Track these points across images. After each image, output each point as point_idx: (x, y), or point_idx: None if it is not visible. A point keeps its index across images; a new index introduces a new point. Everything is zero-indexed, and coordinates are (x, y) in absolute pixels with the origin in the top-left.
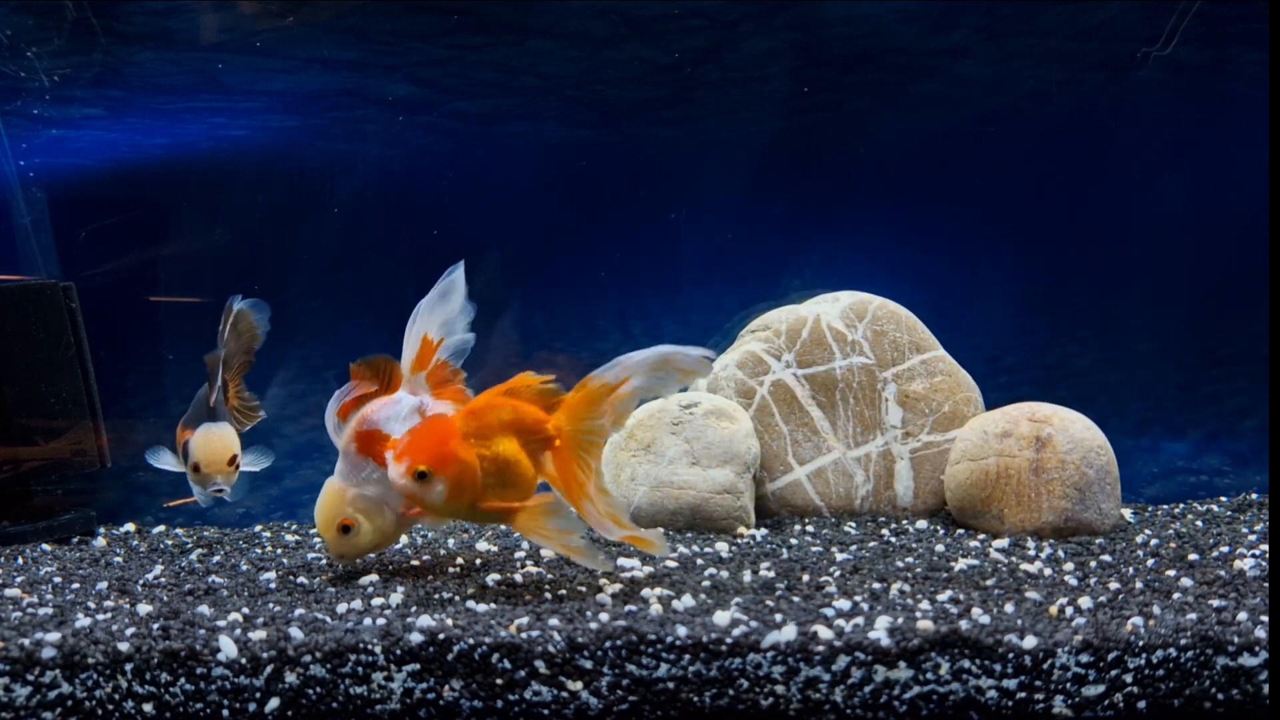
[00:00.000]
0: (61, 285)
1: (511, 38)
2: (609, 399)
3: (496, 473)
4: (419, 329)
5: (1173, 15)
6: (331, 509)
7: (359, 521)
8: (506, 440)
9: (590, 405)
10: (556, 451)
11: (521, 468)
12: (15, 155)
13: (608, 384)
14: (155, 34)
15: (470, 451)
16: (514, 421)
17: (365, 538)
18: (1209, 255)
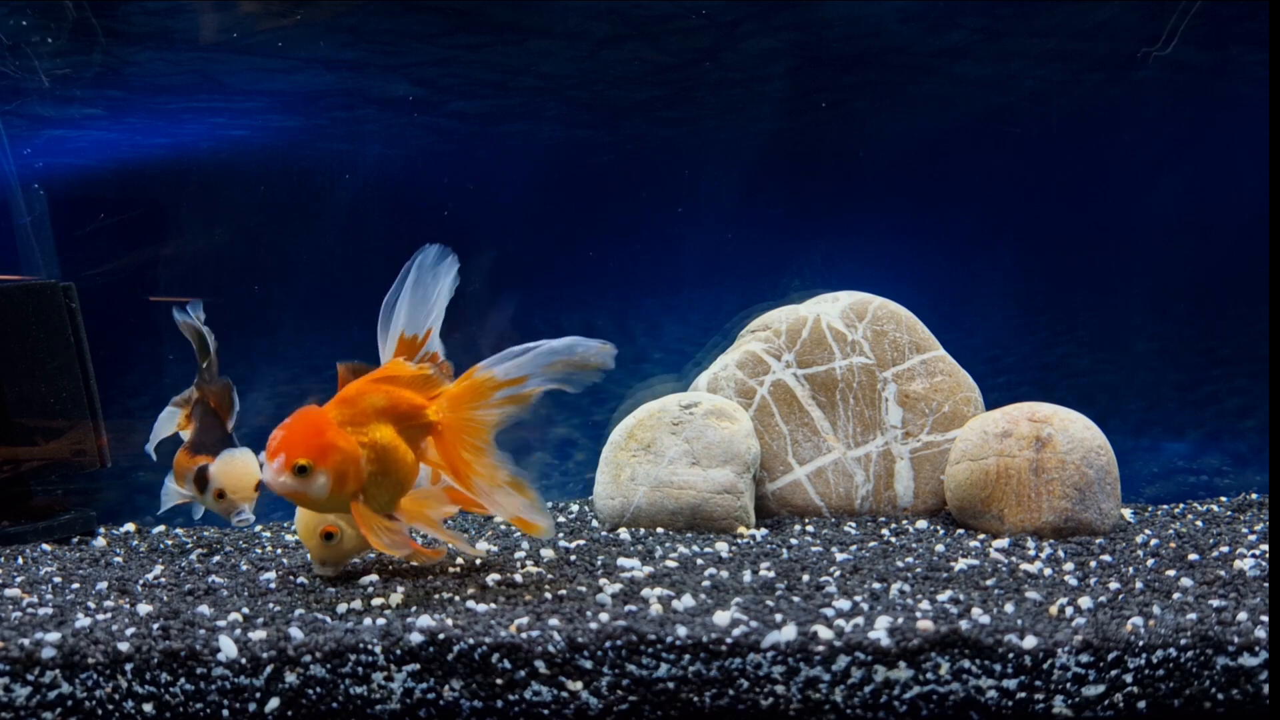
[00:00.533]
0: (61, 285)
1: (511, 38)
2: (498, 392)
3: (377, 460)
4: (394, 329)
5: (1173, 15)
6: (313, 517)
7: (341, 528)
8: (383, 427)
9: (475, 396)
10: (439, 437)
11: (400, 454)
12: (15, 155)
13: (494, 378)
14: (155, 34)
15: (350, 440)
16: (389, 408)
17: (349, 544)
18: (1209, 255)
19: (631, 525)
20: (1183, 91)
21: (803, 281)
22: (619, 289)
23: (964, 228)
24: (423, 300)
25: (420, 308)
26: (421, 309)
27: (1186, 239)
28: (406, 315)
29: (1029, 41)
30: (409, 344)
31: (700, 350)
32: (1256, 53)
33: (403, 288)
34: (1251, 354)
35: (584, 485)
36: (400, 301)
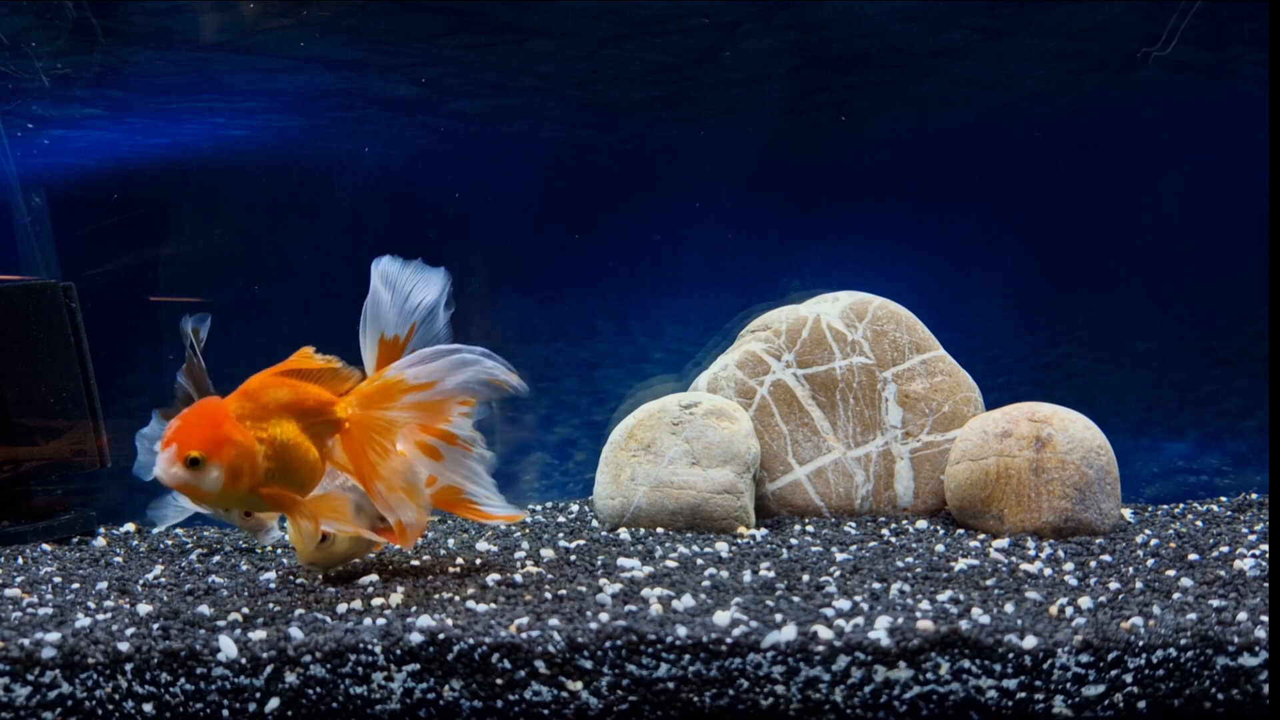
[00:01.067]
0: (61, 285)
1: (511, 38)
2: (407, 396)
3: (276, 457)
4: (371, 332)
5: (1173, 15)
6: None
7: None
8: (285, 423)
9: (384, 397)
10: (346, 436)
11: (302, 451)
12: (15, 155)
13: (405, 381)
14: (155, 34)
15: (246, 434)
16: (294, 403)
17: (341, 546)
18: (1209, 255)
19: (631, 525)
20: (1183, 91)
21: (803, 281)
22: (619, 289)
23: (964, 228)
24: (396, 297)
25: (394, 305)
26: (395, 306)
27: (1186, 239)
28: (382, 316)
29: (1029, 41)
30: (390, 346)
31: (700, 350)
32: (1256, 53)
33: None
34: (1251, 354)
35: (584, 485)
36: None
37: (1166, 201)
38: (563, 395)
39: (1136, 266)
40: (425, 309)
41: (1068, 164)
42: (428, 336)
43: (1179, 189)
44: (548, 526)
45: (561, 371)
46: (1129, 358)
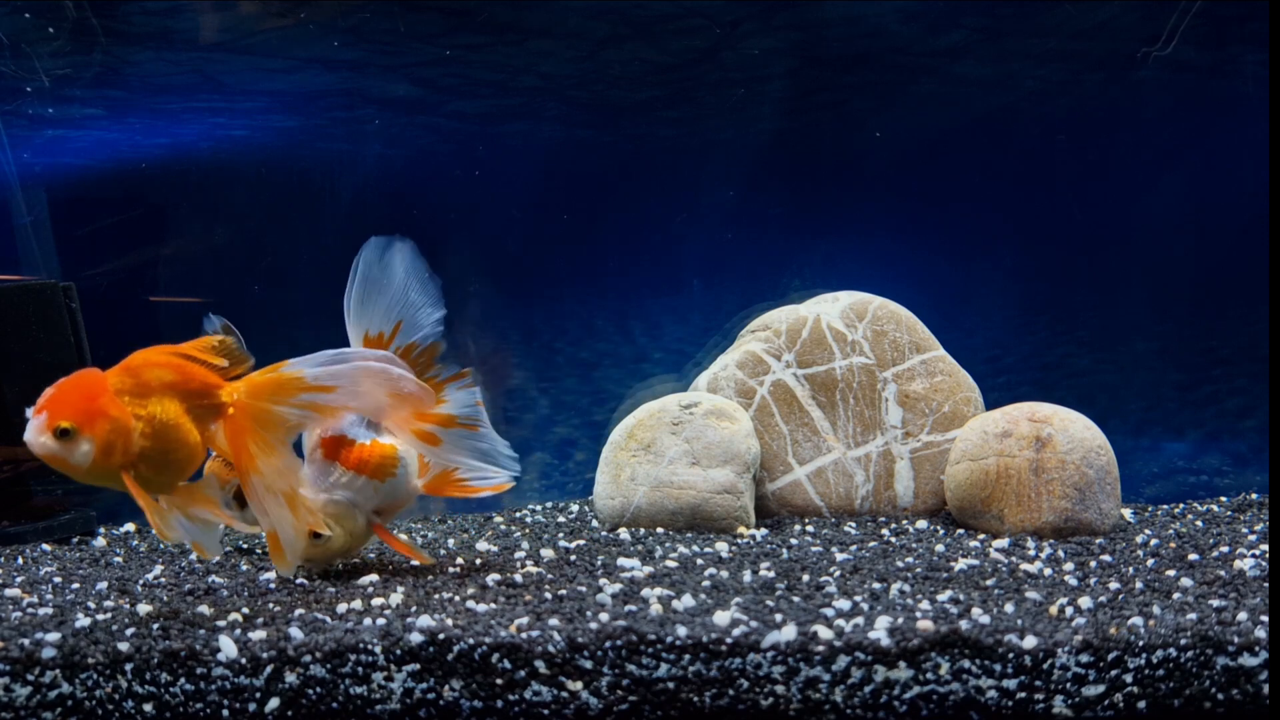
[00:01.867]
0: (61, 285)
1: (511, 38)
2: (303, 394)
3: (153, 436)
4: (353, 330)
5: (1173, 15)
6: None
7: (331, 527)
8: (167, 402)
9: (278, 390)
10: (229, 422)
11: (182, 434)
12: (15, 155)
13: (303, 379)
14: (155, 34)
15: (122, 409)
16: (178, 383)
17: (337, 542)
18: (1209, 255)
19: (631, 525)
20: (1183, 91)
21: (803, 281)
22: (619, 289)
23: (964, 228)
24: (380, 295)
25: (377, 303)
26: (380, 305)
27: (1186, 239)
28: (364, 313)
29: (1029, 41)
30: (375, 344)
31: (700, 350)
32: (1256, 53)
33: (352, 285)
34: (1251, 354)
35: (584, 485)
36: (353, 300)
37: (1166, 201)
38: (563, 395)
39: (1136, 266)
40: (412, 305)
41: (1068, 164)
42: (412, 331)
43: (1179, 189)
44: (548, 526)
45: (561, 371)
46: (1129, 358)
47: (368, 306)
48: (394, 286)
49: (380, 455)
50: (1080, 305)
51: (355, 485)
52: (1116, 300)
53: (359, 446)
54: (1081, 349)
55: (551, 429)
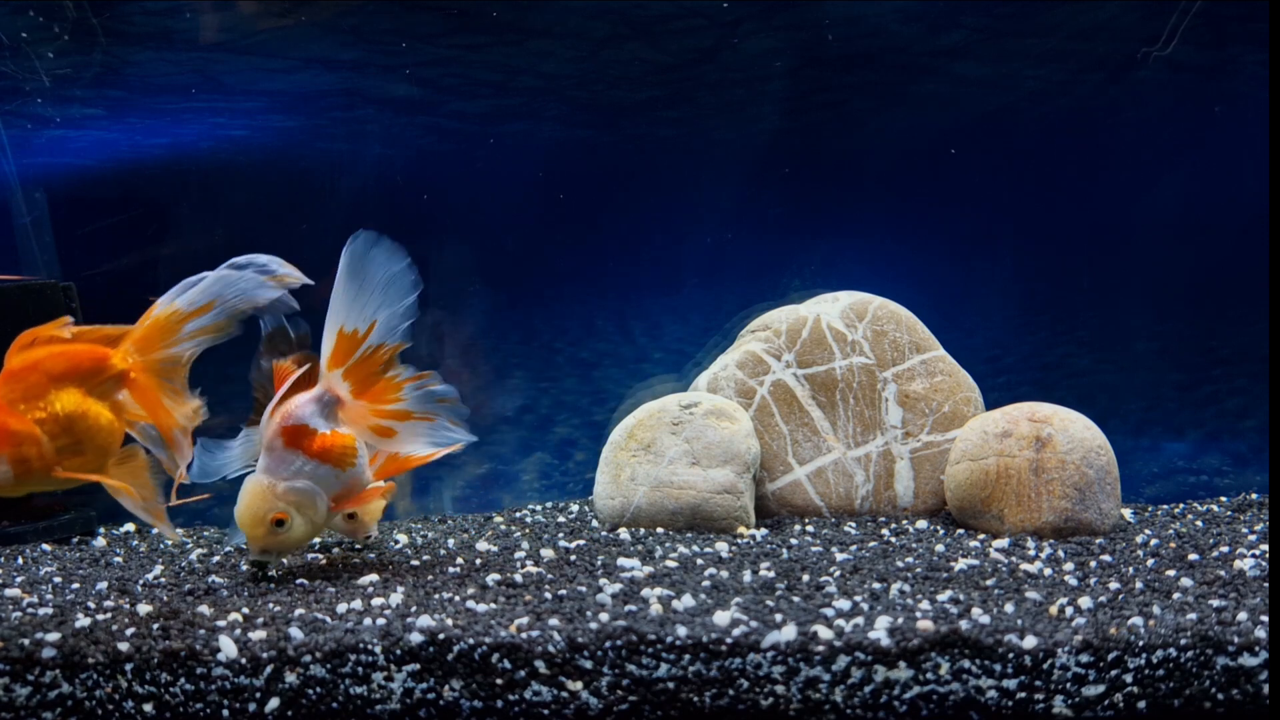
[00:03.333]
0: (61, 285)
1: (511, 38)
2: (187, 324)
3: (64, 433)
4: (331, 323)
5: (1173, 15)
6: (263, 504)
7: (292, 515)
8: (64, 393)
9: (164, 334)
10: (134, 386)
11: (92, 419)
12: (15, 155)
13: (180, 310)
14: (155, 34)
15: (23, 420)
16: (68, 370)
17: (297, 531)
18: (1209, 255)
19: (631, 525)
20: (1183, 91)
21: (803, 281)
22: (619, 289)
23: (964, 228)
24: (360, 292)
25: (358, 300)
26: (360, 301)
27: (1186, 239)
28: (344, 309)
29: (1029, 41)
30: (349, 339)
31: (700, 350)
32: (1256, 53)
33: (338, 281)
34: (1251, 354)
35: (584, 485)
36: (334, 295)
37: (1166, 201)
38: (563, 395)
39: (1136, 266)
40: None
41: (1068, 164)
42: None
43: (1179, 189)
44: (548, 526)
45: (561, 371)
46: (1129, 358)
47: (349, 301)
48: (377, 284)
49: (342, 444)
50: (1080, 305)
51: (318, 474)
52: (1116, 300)
53: (320, 436)
54: (1081, 349)
55: (551, 429)
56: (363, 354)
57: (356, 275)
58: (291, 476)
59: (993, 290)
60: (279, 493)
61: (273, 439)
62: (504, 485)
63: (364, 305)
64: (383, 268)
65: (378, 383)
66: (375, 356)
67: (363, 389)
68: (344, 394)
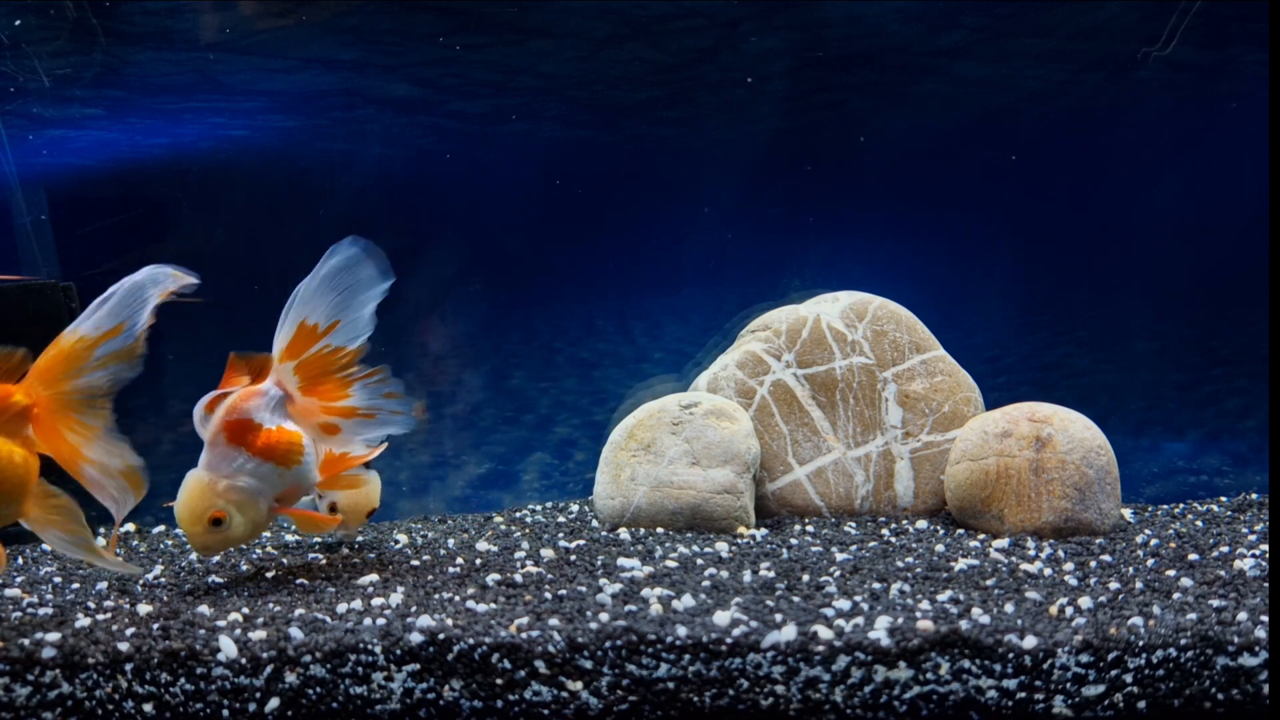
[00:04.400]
0: (61, 285)
1: (511, 38)
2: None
3: None
4: (295, 314)
5: (1173, 15)
6: (201, 501)
7: (231, 513)
8: None
9: (70, 364)
10: (37, 421)
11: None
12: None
13: (87, 338)
14: (155, 34)
15: None
16: None
17: (237, 530)
18: (1209, 255)
19: (631, 525)
20: (1183, 91)
21: (803, 281)
22: (619, 289)
23: (964, 228)
24: (335, 291)
25: (330, 297)
26: (331, 299)
27: (1186, 239)
28: (312, 301)
29: (1029, 41)
30: (308, 332)
31: (700, 350)
32: (1256, 53)
33: (316, 275)
34: (1251, 354)
35: (584, 485)
36: (308, 287)
37: (1166, 201)
38: (563, 395)
39: (1136, 266)
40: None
41: (1068, 164)
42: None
43: (1179, 189)
44: (548, 526)
45: (561, 371)
46: (1129, 358)
47: (319, 298)
48: (351, 289)
49: (287, 441)
50: (1080, 305)
51: (260, 472)
52: (1116, 300)
53: (265, 432)
54: (1081, 349)
55: (551, 429)
56: (318, 351)
57: (337, 276)
58: (233, 474)
59: (993, 290)
60: (219, 490)
61: (215, 434)
62: (504, 485)
63: (333, 304)
64: (364, 273)
65: (330, 382)
66: (331, 357)
67: (312, 387)
68: (293, 389)
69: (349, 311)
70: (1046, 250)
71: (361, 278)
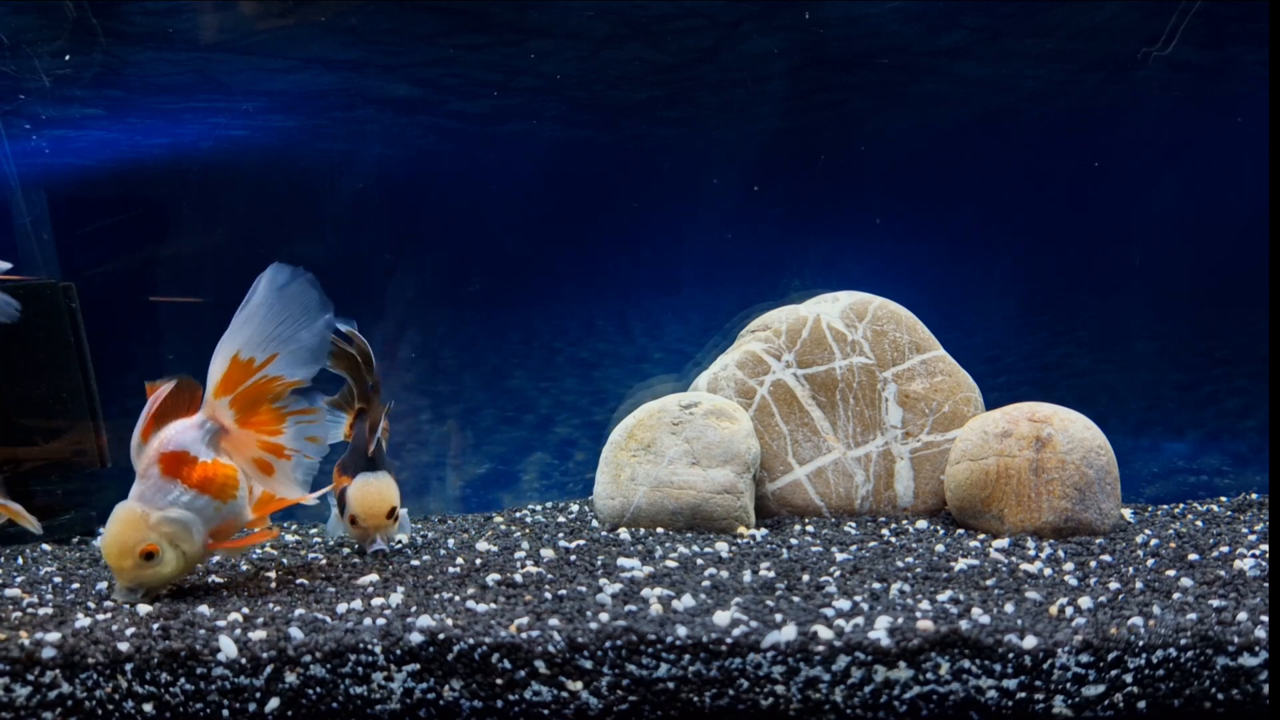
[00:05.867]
0: (61, 285)
1: (511, 38)
2: None
3: None
4: (227, 348)
5: (1173, 15)
6: (133, 534)
7: (163, 548)
8: None
9: None
10: None
11: None
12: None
13: None
14: (155, 34)
15: None
16: None
17: (169, 566)
18: (1209, 255)
19: (631, 525)
20: (1183, 91)
21: (803, 281)
22: (619, 289)
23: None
24: (267, 323)
25: (264, 329)
26: (265, 331)
27: (1186, 239)
28: (245, 336)
29: (1029, 41)
30: (243, 367)
31: (700, 350)
32: (1256, 53)
33: (246, 306)
34: (1251, 354)
35: (584, 485)
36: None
37: (1166, 201)
38: (563, 395)
39: (1136, 266)
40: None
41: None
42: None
43: (1179, 189)
44: (548, 526)
45: (561, 371)
46: (1129, 358)
47: (251, 330)
48: (287, 320)
49: (224, 475)
50: (1080, 305)
51: (196, 505)
52: (1116, 300)
53: (202, 465)
54: (1081, 349)
55: (551, 429)
56: (255, 383)
57: (269, 306)
58: (167, 506)
59: (993, 290)
60: (152, 523)
61: (148, 465)
62: (504, 485)
63: (268, 336)
64: (299, 303)
65: (265, 415)
66: (268, 387)
67: (249, 419)
68: (228, 422)
69: (287, 345)
70: (1046, 250)
71: (296, 308)
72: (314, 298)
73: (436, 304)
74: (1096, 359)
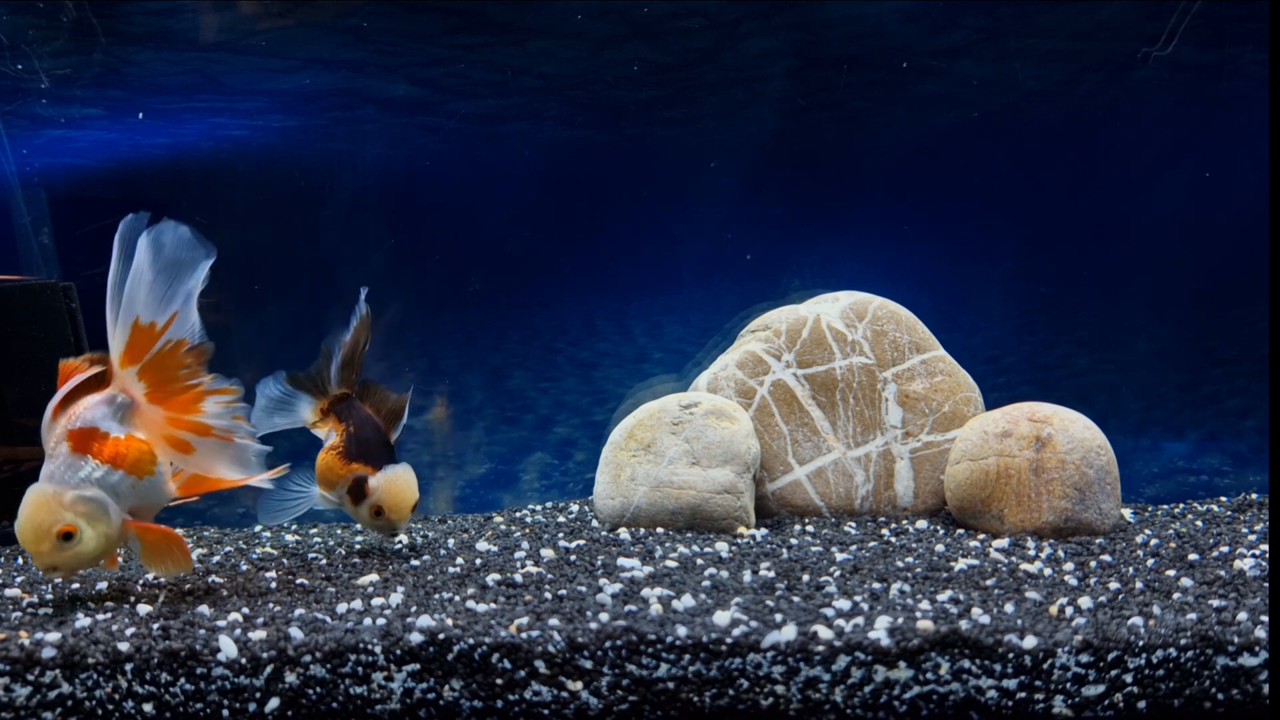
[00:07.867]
0: (61, 285)
1: (511, 38)
2: None
3: None
4: (125, 315)
5: (1173, 15)
6: (48, 515)
7: (81, 527)
8: None
9: None
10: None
11: None
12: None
13: None
14: (155, 34)
15: None
16: None
17: (89, 545)
18: (1209, 255)
19: (631, 525)
20: (1183, 91)
21: (803, 281)
22: (619, 289)
23: (963, 227)
24: (163, 281)
25: (158, 290)
26: (159, 291)
27: (1186, 239)
28: (139, 299)
29: (1029, 41)
30: (144, 332)
31: (700, 350)
32: (1256, 53)
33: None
34: (1251, 354)
35: (584, 485)
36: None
37: (1166, 201)
38: (563, 395)
39: (1136, 266)
40: (187, 294)
41: (1068, 164)
42: (184, 325)
43: (1179, 189)
44: (548, 526)
45: (561, 371)
46: (1129, 358)
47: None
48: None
49: (138, 449)
50: (1080, 305)
51: (110, 481)
52: (1116, 300)
53: (113, 440)
54: (1081, 349)
55: (551, 429)
56: (160, 349)
57: (157, 265)
58: (80, 484)
59: (993, 290)
60: (66, 502)
61: (57, 443)
62: (504, 485)
63: (163, 296)
64: (185, 255)
65: (179, 390)
66: (173, 354)
67: (161, 394)
68: (139, 395)
69: (181, 301)
70: (1046, 250)
71: (184, 261)
72: (196, 247)
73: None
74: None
